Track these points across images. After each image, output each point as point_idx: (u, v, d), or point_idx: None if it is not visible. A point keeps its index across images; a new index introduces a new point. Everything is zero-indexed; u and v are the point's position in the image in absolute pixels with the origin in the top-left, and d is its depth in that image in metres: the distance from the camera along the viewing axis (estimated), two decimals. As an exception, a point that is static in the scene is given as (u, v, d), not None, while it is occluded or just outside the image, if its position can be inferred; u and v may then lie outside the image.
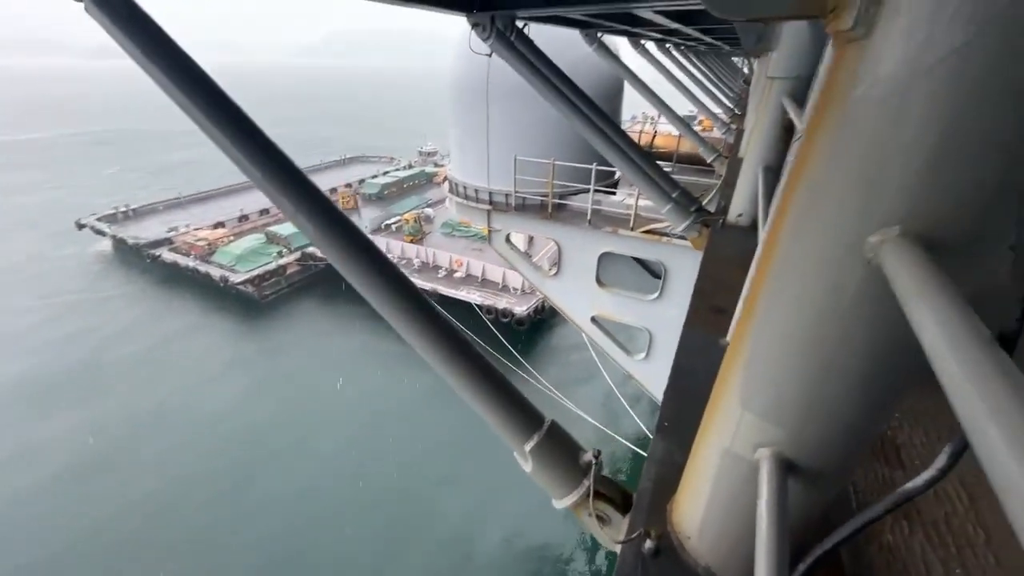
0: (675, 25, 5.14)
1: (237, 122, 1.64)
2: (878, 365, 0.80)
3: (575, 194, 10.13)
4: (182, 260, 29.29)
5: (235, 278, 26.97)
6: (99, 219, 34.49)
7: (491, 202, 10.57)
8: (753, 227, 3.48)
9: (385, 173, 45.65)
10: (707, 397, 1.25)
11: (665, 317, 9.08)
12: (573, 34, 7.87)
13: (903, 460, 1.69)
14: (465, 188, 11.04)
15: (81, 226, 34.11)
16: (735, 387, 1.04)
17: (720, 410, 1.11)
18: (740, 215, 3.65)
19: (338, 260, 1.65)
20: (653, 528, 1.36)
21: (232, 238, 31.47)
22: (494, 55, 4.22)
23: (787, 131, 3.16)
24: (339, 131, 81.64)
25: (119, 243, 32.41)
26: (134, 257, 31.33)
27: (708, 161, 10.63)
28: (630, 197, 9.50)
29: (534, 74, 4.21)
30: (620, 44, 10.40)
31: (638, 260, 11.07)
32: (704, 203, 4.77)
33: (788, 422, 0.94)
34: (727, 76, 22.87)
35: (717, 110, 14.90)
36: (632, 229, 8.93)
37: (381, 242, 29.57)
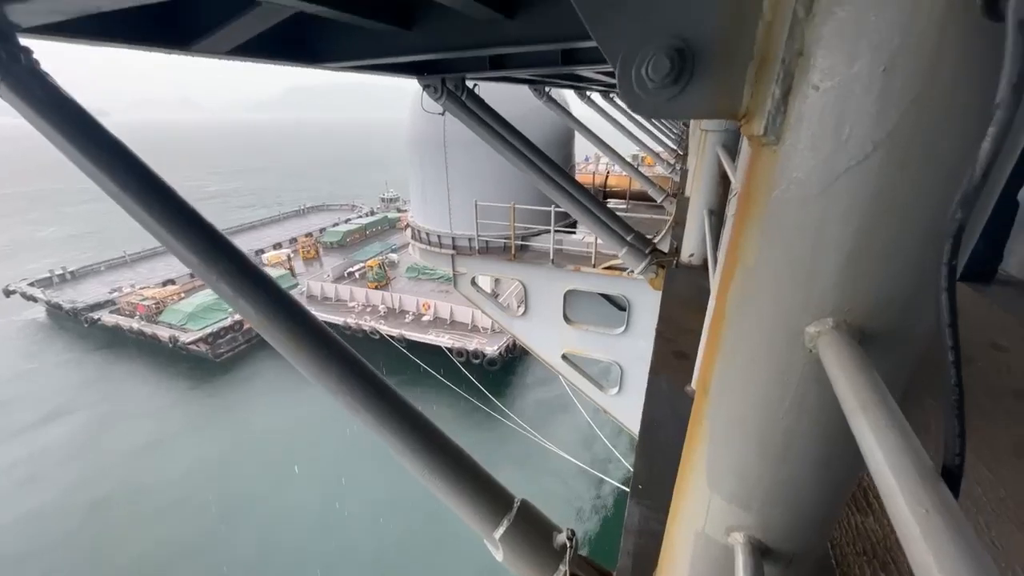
0: (614, 81, 5.54)
1: (160, 196, 1.56)
2: (833, 449, 0.79)
3: (537, 235, 10.38)
4: (125, 322, 27.31)
5: (186, 337, 25.33)
6: (31, 284, 31.96)
7: (454, 247, 10.62)
8: (704, 267, 3.62)
9: (347, 221, 45.33)
10: (678, 453, 1.21)
11: (634, 349, 9.19)
12: (523, 87, 8.32)
13: (871, 503, 1.70)
14: (428, 234, 11.08)
15: (9, 293, 31.42)
16: (702, 468, 1.01)
17: (690, 491, 1.07)
18: (692, 255, 3.81)
19: (278, 341, 1.54)
20: (635, 616, 1.27)
21: (183, 295, 29.82)
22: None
23: (725, 177, 3.39)
24: (298, 182, 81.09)
25: (54, 308, 29.96)
26: (71, 323, 28.95)
27: (658, 201, 11.24)
28: (590, 235, 9.83)
29: (486, 129, 4.36)
30: (568, 93, 11.08)
31: (603, 295, 11.32)
32: (657, 240, 4.97)
33: (755, 506, 0.91)
34: (668, 120, 24.71)
35: (661, 150, 15.95)
36: (594, 266, 9.16)
37: (344, 290, 28.86)
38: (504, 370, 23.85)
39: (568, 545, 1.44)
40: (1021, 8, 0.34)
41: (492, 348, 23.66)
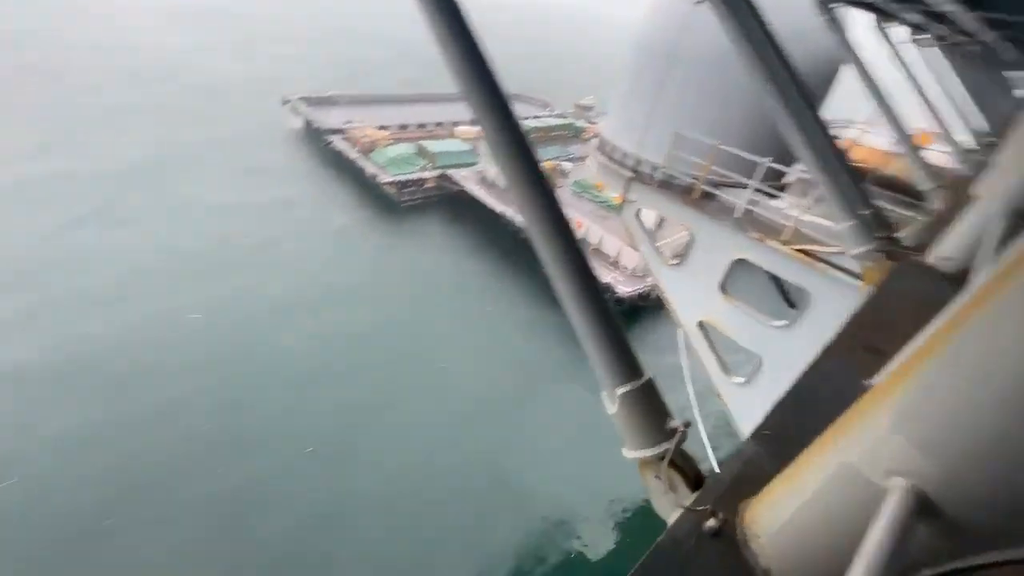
0: (952, 7, 4.03)
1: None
2: None
3: (731, 187, 9.11)
4: (347, 152, 33.67)
5: (383, 178, 30.37)
6: (300, 99, 40.61)
7: (636, 170, 10.04)
8: (958, 277, 2.81)
9: (536, 117, 45.53)
10: (822, 423, 1.14)
11: (788, 349, 8.04)
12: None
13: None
14: (613, 149, 10.61)
15: (286, 102, 40.72)
16: (890, 407, 0.92)
17: (857, 424, 1.00)
18: (948, 259, 2.95)
19: (515, 183, 1.79)
20: (721, 511, 1.34)
21: (391, 142, 34.95)
22: (699, 9, 3.82)
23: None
24: (505, 67, 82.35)
25: (307, 124, 38.20)
26: (315, 139, 36.83)
27: (925, 190, 8.58)
28: (796, 207, 8.25)
29: (740, 34, 3.74)
30: (854, 23, 8.59)
31: (776, 279, 9.78)
32: (903, 232, 3.95)
33: (948, 459, 0.82)
34: (989, 94, 17.60)
35: (960, 134, 11.67)
36: (784, 242, 7.83)
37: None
38: (627, 315, 23.40)
39: (679, 432, 1.52)
40: None
41: (626, 288, 23.11)
